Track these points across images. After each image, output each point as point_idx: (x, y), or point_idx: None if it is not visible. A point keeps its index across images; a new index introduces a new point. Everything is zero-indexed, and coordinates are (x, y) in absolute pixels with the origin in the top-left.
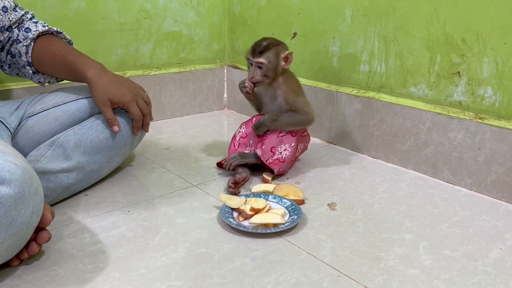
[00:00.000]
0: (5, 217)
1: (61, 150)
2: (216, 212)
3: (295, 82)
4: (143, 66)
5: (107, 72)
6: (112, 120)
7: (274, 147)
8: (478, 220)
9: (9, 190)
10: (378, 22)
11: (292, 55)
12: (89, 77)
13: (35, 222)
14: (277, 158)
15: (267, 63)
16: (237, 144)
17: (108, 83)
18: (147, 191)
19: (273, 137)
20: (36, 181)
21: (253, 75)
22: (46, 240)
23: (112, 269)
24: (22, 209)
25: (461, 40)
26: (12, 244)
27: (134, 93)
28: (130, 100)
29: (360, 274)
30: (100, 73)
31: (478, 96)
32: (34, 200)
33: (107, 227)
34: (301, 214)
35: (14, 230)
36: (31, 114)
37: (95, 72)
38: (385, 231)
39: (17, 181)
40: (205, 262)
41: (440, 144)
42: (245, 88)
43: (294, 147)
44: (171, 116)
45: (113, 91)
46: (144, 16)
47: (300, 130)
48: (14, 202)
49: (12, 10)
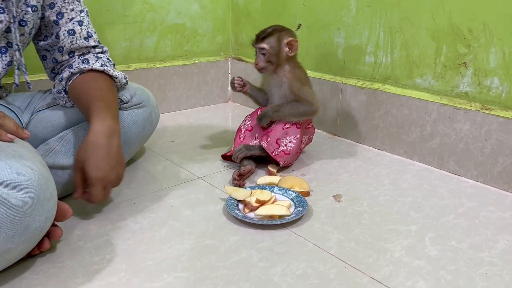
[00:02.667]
0: (20, 224)
1: (70, 146)
2: (222, 204)
3: (302, 72)
4: (147, 59)
5: (109, 137)
6: (77, 186)
7: (279, 139)
8: (485, 211)
9: (25, 196)
10: (383, 13)
11: (296, 42)
12: (90, 128)
13: (48, 227)
14: (282, 150)
15: (268, 49)
16: (242, 136)
17: (97, 146)
18: (153, 184)
19: (278, 129)
20: (51, 185)
21: (257, 62)
22: (59, 236)
23: (119, 260)
24: (37, 215)
25: (468, 30)
26: (25, 248)
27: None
28: (97, 179)
29: (366, 265)
30: (102, 133)
31: (485, 87)
32: (49, 206)
33: (114, 219)
34: (306, 206)
35: (28, 235)
36: (40, 109)
37: (100, 129)
38: (391, 223)
39: (33, 187)
40: (211, 254)
41: (446, 135)
42: (233, 87)
43: (299, 139)
44: (175, 109)
45: (92, 158)
46: (148, 9)
47: (305, 122)
48: (30, 209)
49: (84, 38)
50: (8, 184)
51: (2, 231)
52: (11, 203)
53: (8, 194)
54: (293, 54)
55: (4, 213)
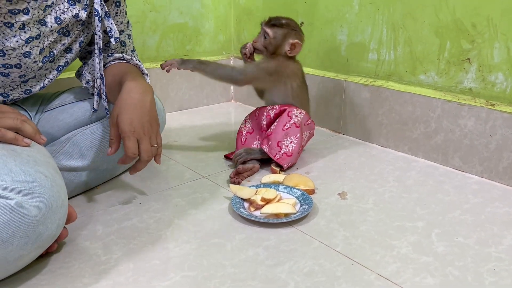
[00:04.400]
0: (33, 232)
1: (76, 148)
2: (227, 203)
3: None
4: (149, 58)
5: (143, 94)
6: (111, 142)
7: (280, 141)
8: (490, 207)
9: (38, 203)
10: (386, 10)
11: (300, 46)
12: (123, 87)
13: (59, 233)
14: (284, 152)
15: (271, 37)
16: (244, 139)
17: (129, 102)
18: (158, 183)
19: (278, 131)
20: (63, 193)
21: (256, 40)
22: (64, 237)
23: (125, 260)
24: (49, 223)
25: (471, 25)
26: (36, 254)
27: (143, 128)
28: (130, 131)
29: (374, 262)
30: (135, 89)
31: (489, 83)
32: (61, 213)
33: (119, 219)
34: (312, 204)
35: (40, 243)
36: (48, 109)
37: (133, 86)
38: (396, 219)
39: (46, 194)
40: (218, 252)
41: (451, 131)
42: (244, 49)
43: (299, 138)
44: (178, 108)
45: (125, 112)
46: (150, 9)
47: (304, 119)
48: (43, 217)
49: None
50: (22, 191)
51: (16, 239)
52: (24, 211)
53: (22, 202)
54: (292, 55)
55: (18, 221)
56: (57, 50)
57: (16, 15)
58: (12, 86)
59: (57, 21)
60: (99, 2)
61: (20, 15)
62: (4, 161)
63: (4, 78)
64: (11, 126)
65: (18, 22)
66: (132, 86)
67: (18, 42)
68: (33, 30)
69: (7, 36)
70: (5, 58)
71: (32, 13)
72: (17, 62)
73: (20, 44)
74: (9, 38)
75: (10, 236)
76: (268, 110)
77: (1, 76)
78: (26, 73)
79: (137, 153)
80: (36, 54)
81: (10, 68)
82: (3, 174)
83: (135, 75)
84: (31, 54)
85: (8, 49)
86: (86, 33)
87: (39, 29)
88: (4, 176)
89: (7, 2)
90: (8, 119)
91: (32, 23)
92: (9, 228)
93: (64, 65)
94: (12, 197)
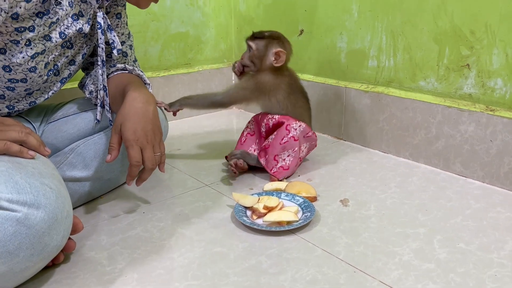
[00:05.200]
0: (39, 243)
1: (80, 159)
2: (230, 211)
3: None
4: (151, 68)
5: (146, 103)
6: (111, 149)
7: (277, 155)
8: (492, 212)
9: (43, 215)
10: (385, 17)
11: (285, 54)
12: (126, 97)
13: (64, 244)
14: (281, 166)
15: (254, 49)
16: (243, 139)
17: (132, 111)
18: (160, 192)
19: (276, 145)
20: (68, 204)
21: (243, 56)
22: (72, 249)
23: (130, 270)
24: (55, 234)
25: (470, 32)
26: (42, 265)
27: (146, 137)
28: (133, 140)
29: (376, 269)
30: (139, 98)
31: (489, 88)
32: (65, 224)
33: (123, 229)
34: (314, 211)
35: (46, 254)
36: (51, 120)
37: (136, 96)
38: (398, 226)
39: (51, 206)
40: (221, 261)
41: (451, 137)
42: (234, 68)
43: (297, 151)
44: (180, 117)
45: (129, 121)
46: (152, 19)
47: (304, 131)
48: (48, 228)
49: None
50: (28, 203)
51: (22, 251)
52: (30, 223)
53: (28, 214)
54: (279, 65)
55: (24, 233)
56: (61, 63)
57: (22, 33)
58: (18, 98)
59: (61, 36)
60: (101, 16)
61: (26, 32)
62: (10, 174)
63: (10, 92)
64: (16, 139)
65: (24, 39)
66: (135, 96)
67: (24, 58)
68: (39, 46)
69: (14, 52)
70: (11, 73)
71: (38, 30)
72: (23, 76)
73: (26, 59)
74: (15, 55)
75: (17, 247)
76: (268, 118)
77: (7, 90)
78: (31, 86)
79: (141, 161)
80: (41, 68)
81: (16, 82)
82: (9, 186)
83: (137, 85)
84: (36, 69)
85: (15, 64)
86: (89, 45)
87: (44, 45)
88: (10, 188)
89: (13, 21)
90: (13, 132)
91: (38, 39)
92: (15, 240)
93: (67, 77)
94: (18, 209)
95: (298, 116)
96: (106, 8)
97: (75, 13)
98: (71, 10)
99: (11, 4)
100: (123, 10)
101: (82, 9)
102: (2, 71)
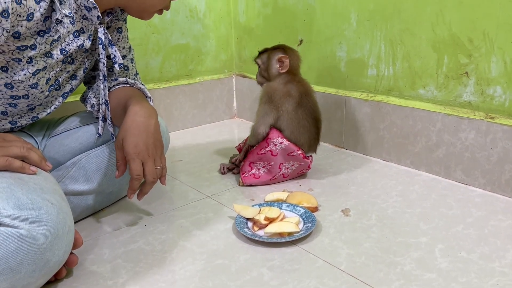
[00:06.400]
0: (41, 259)
1: (82, 172)
2: (231, 223)
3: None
4: (153, 80)
5: (147, 118)
6: (118, 165)
7: (253, 162)
8: (494, 220)
9: (45, 231)
10: (384, 26)
11: (287, 59)
12: (128, 111)
13: (65, 259)
14: (253, 174)
15: (260, 64)
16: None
17: (134, 126)
18: (162, 204)
19: (254, 153)
20: (70, 219)
21: (257, 75)
22: (75, 264)
23: (132, 283)
24: (56, 250)
25: (468, 40)
26: (44, 281)
27: (147, 151)
28: (135, 154)
29: (377, 280)
30: (140, 112)
31: (488, 96)
32: (67, 240)
33: (125, 242)
34: (315, 222)
35: (48, 270)
36: (53, 134)
37: (137, 109)
38: (400, 235)
39: (52, 222)
40: (222, 274)
41: (452, 145)
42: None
43: (273, 166)
44: (182, 127)
45: (130, 135)
46: (152, 31)
47: (287, 149)
48: (50, 244)
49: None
50: (29, 219)
51: (24, 267)
52: (32, 239)
53: (29, 230)
54: (284, 70)
55: (26, 249)
56: (62, 78)
57: (24, 51)
58: (20, 114)
59: (62, 53)
60: (102, 31)
61: (27, 51)
62: (12, 190)
63: (13, 108)
64: (18, 154)
65: (25, 57)
66: (137, 109)
67: (26, 75)
68: (40, 63)
69: (15, 70)
70: (13, 90)
71: (39, 48)
72: (24, 93)
73: (27, 76)
74: (17, 72)
75: (18, 264)
76: None
77: (10, 106)
78: (33, 102)
79: (142, 175)
80: (43, 84)
81: (18, 99)
82: (11, 203)
83: (139, 98)
84: (38, 85)
85: (16, 82)
86: (90, 60)
87: (46, 61)
88: (12, 205)
89: (15, 39)
90: (15, 148)
91: (39, 57)
92: (17, 256)
93: (69, 91)
94: (19, 225)
95: (297, 135)
96: (107, 23)
97: (77, 30)
98: (72, 28)
99: (13, 23)
100: (124, 24)
101: (84, 26)
102: (4, 88)
